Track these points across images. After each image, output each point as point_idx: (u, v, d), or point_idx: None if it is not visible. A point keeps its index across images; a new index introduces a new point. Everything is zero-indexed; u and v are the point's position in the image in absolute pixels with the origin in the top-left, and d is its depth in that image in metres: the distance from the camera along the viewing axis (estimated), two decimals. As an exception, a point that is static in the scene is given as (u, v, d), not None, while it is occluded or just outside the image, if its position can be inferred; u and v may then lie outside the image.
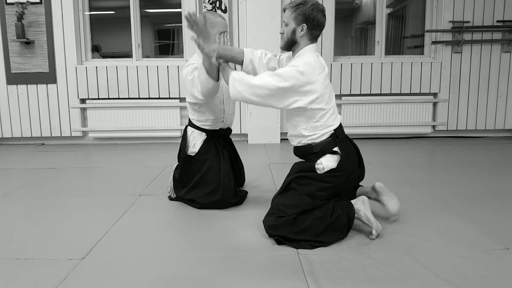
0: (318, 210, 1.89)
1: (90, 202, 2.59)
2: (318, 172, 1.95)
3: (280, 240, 1.87)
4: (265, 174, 3.28)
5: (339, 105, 4.93)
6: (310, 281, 1.53)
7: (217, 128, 2.55)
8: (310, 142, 1.98)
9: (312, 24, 1.91)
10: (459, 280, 1.52)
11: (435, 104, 4.99)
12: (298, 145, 2.05)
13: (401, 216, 2.22)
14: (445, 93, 4.95)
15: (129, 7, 4.85)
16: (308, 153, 2.00)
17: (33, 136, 4.95)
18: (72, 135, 4.94)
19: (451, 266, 1.64)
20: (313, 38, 1.97)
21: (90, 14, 4.97)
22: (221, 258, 1.74)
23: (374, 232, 1.91)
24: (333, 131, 1.97)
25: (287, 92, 1.86)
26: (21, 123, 4.91)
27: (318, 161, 1.97)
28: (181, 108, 4.91)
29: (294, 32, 1.93)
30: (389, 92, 4.92)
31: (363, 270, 1.61)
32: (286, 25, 1.95)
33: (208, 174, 2.42)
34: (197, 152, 2.48)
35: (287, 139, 2.14)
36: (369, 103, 4.89)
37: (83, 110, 4.94)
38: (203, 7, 4.69)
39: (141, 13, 4.95)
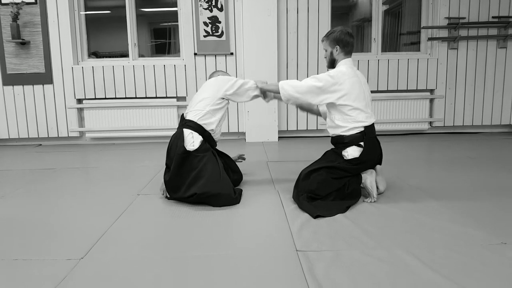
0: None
1: (88, 202, 2.59)
2: (344, 158, 2.46)
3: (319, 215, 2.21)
4: (263, 172, 3.28)
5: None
6: (309, 279, 1.53)
7: (216, 140, 2.75)
8: (342, 134, 2.49)
9: (342, 44, 2.49)
10: (458, 275, 1.53)
11: (432, 100, 5.01)
12: (333, 135, 2.57)
13: (399, 213, 2.23)
14: (442, 89, 4.96)
15: (124, 7, 4.83)
16: (339, 142, 2.52)
17: (30, 137, 4.93)
18: (69, 135, 4.93)
19: (449, 262, 1.64)
20: (347, 53, 2.52)
21: (85, 14, 4.95)
22: (220, 257, 1.75)
23: (371, 199, 2.44)
24: (363, 128, 2.45)
25: (320, 90, 2.42)
26: (17, 124, 4.89)
27: (345, 150, 2.47)
28: (178, 107, 4.90)
29: (331, 54, 2.54)
30: (386, 89, 4.93)
31: (362, 267, 1.62)
32: (325, 50, 2.58)
33: (207, 168, 2.48)
34: (195, 149, 2.50)
35: (285, 137, 2.41)
36: (366, 100, 4.89)
37: (80, 110, 4.93)
38: (199, 5, 4.68)
39: (137, 12, 4.94)
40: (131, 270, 1.65)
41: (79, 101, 4.91)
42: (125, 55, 5.02)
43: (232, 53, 4.80)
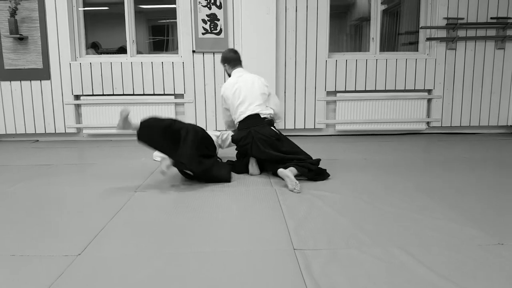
0: None
1: (85, 199, 2.58)
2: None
3: None
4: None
5: (333, 102, 4.95)
6: (306, 276, 1.54)
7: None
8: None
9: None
10: (454, 274, 1.54)
11: (429, 100, 5.02)
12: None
13: (396, 212, 2.24)
14: (440, 90, 4.97)
15: (123, 3, 4.81)
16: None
17: (27, 132, 4.91)
18: (67, 131, 4.91)
19: (446, 261, 1.65)
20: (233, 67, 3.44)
21: (84, 10, 4.93)
22: (217, 254, 1.75)
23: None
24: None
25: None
26: (15, 119, 4.87)
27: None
28: (176, 104, 4.90)
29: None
30: (384, 89, 4.94)
31: (359, 265, 1.63)
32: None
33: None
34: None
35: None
36: (364, 99, 4.91)
37: (77, 106, 4.91)
38: (198, 3, 4.67)
39: (135, 9, 4.92)
40: (128, 267, 1.65)
41: (77, 97, 4.90)
42: (123, 51, 5.00)
43: (230, 51, 4.79)
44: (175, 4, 4.84)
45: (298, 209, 2.30)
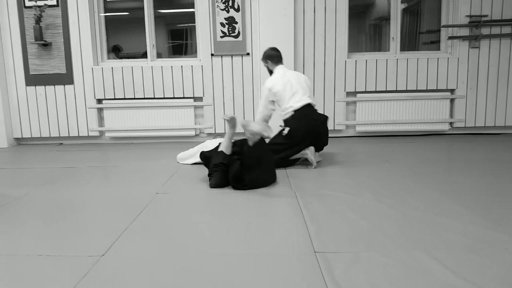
0: None
1: (108, 200, 2.63)
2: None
3: None
4: (280, 173, 3.27)
5: (353, 103, 4.91)
6: (327, 279, 1.52)
7: None
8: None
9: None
10: (480, 279, 1.50)
11: (452, 100, 4.91)
12: None
13: (420, 215, 2.20)
14: (463, 89, 4.86)
15: (143, 8, 4.89)
16: None
17: (51, 136, 5.04)
18: (89, 134, 5.02)
19: (471, 265, 1.61)
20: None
21: (105, 15, 5.04)
22: (239, 256, 1.75)
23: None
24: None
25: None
26: (39, 123, 5.01)
27: None
28: (195, 107, 4.94)
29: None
30: (405, 89, 4.86)
31: (382, 269, 1.60)
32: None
33: None
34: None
35: None
36: (385, 100, 4.84)
37: (100, 110, 5.01)
38: (216, 6, 4.70)
39: (155, 14, 4.99)
40: (150, 267, 1.67)
41: (99, 101, 5.00)
42: (144, 56, 5.09)
43: (248, 54, 4.81)
44: (193, 8, 4.89)
45: (318, 212, 2.28)
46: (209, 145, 3.41)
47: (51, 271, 1.65)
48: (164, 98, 4.95)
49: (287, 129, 3.35)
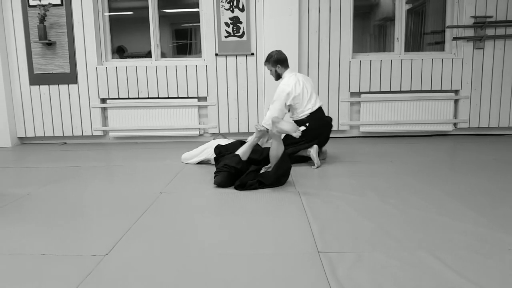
0: None
1: (112, 200, 2.64)
2: None
3: None
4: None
5: (357, 103, 4.90)
6: (331, 279, 1.52)
7: None
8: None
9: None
10: (483, 280, 1.49)
11: (456, 101, 4.90)
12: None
13: (423, 216, 2.19)
14: (467, 90, 4.84)
15: (147, 8, 4.90)
16: None
17: (55, 135, 5.06)
18: (93, 134, 5.04)
19: (475, 266, 1.60)
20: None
21: (109, 15, 5.05)
22: (242, 256, 1.75)
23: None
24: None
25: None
26: (43, 122, 5.03)
27: None
28: (199, 107, 4.95)
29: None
30: (409, 90, 4.85)
31: (385, 269, 1.59)
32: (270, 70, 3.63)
33: None
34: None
35: None
36: (389, 100, 4.83)
37: (104, 109, 5.03)
38: (221, 6, 4.71)
39: (159, 13, 5.00)
40: (154, 267, 1.67)
41: (103, 100, 5.02)
42: (148, 55, 5.10)
43: (253, 53, 4.81)
44: (198, 8, 4.89)
45: (322, 212, 2.28)
46: (213, 145, 3.42)
47: (55, 271, 1.66)
48: (168, 98, 4.95)
49: (302, 128, 3.35)
